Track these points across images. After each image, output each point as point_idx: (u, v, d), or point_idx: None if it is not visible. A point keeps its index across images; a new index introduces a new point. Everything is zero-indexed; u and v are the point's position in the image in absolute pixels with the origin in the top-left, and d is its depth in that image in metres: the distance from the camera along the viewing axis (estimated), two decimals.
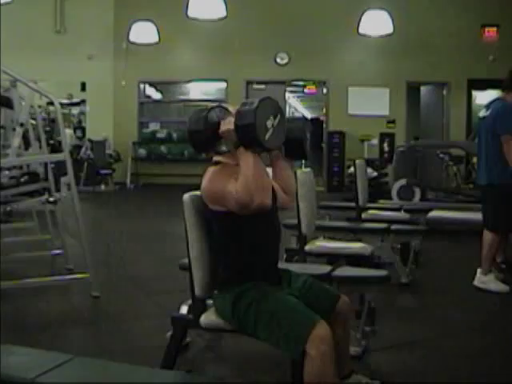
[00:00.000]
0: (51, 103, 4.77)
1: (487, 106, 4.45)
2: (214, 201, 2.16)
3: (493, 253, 4.38)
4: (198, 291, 2.28)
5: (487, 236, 4.34)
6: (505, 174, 4.19)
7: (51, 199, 4.37)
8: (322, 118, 13.31)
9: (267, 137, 1.98)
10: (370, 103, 11.52)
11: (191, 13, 7.17)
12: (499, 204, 4.27)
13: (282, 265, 2.39)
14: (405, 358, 3.00)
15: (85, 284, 4.09)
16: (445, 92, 11.86)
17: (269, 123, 1.98)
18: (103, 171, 11.15)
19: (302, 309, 2.02)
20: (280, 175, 2.33)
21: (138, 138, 12.27)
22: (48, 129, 10.32)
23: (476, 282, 4.35)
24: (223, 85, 12.19)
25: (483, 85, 11.15)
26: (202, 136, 2.16)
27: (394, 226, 4.50)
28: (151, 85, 12.95)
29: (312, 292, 2.25)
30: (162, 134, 12.12)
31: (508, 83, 4.32)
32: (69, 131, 12.18)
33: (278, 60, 11.84)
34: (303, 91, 16.46)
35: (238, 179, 2.04)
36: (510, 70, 4.40)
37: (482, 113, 4.47)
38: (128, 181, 11.80)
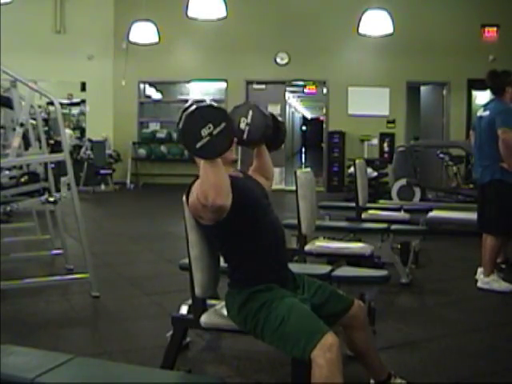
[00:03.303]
0: (51, 103, 4.76)
1: (485, 106, 4.49)
2: (196, 213, 2.14)
3: (495, 256, 4.37)
4: (198, 291, 2.28)
5: (488, 240, 4.33)
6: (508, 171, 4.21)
7: (51, 199, 4.37)
8: (321, 118, 13.31)
9: (199, 145, 1.81)
10: (370, 103, 11.51)
11: (191, 13, 7.15)
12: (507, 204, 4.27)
13: (293, 268, 2.39)
14: (405, 358, 3.00)
15: (85, 284, 4.09)
16: (445, 92, 11.85)
17: (205, 131, 1.81)
18: (103, 171, 11.14)
19: (312, 318, 2.02)
20: (262, 162, 2.58)
21: (138, 138, 12.26)
22: (46, 129, 10.33)
23: (479, 284, 4.35)
24: (223, 85, 12.19)
25: (483, 85, 11.02)
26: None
27: (393, 226, 4.50)
28: (151, 85, 12.95)
29: (325, 296, 2.27)
30: (161, 134, 12.10)
31: (496, 87, 4.34)
32: (68, 131, 12.20)
33: (278, 60, 11.84)
34: (303, 91, 16.47)
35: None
36: (489, 73, 4.40)
37: (480, 112, 4.50)
38: (128, 181, 11.79)
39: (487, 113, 4.35)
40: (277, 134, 2.61)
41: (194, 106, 1.87)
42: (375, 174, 9.71)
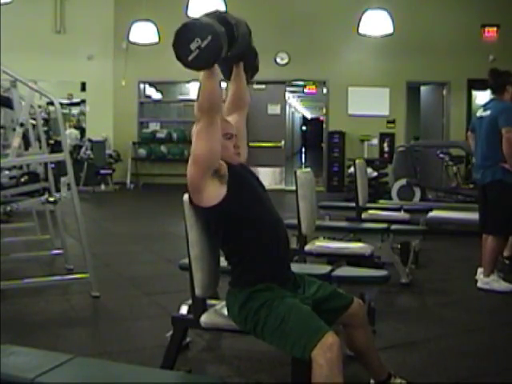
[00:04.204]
0: (51, 103, 4.76)
1: (484, 106, 4.47)
2: (196, 167, 2.16)
3: (496, 257, 4.36)
4: (198, 291, 2.28)
5: (489, 240, 4.32)
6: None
7: (51, 199, 4.37)
8: (321, 118, 13.31)
9: (190, 58, 2.03)
10: (370, 103, 11.51)
11: (191, 13, 7.15)
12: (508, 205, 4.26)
13: (293, 268, 2.39)
14: (405, 358, 3.00)
15: (85, 284, 4.09)
16: (445, 92, 11.84)
17: (193, 45, 2.00)
18: (103, 171, 11.14)
19: (313, 318, 2.02)
20: (239, 84, 2.64)
21: (138, 137, 12.25)
22: (46, 129, 10.33)
23: (479, 284, 4.34)
24: (223, 85, 12.15)
25: (483, 85, 11.03)
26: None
27: (393, 226, 4.50)
28: (151, 85, 12.94)
29: (326, 293, 2.28)
30: (161, 134, 12.09)
31: (497, 85, 4.33)
32: (74, 131, 12.22)
33: (278, 60, 11.83)
34: (303, 91, 16.47)
35: None
36: (491, 71, 4.40)
37: (480, 112, 4.49)
38: (128, 181, 11.79)
39: (488, 112, 4.34)
40: (249, 55, 2.67)
41: (181, 24, 2.01)
42: (375, 174, 9.70)
